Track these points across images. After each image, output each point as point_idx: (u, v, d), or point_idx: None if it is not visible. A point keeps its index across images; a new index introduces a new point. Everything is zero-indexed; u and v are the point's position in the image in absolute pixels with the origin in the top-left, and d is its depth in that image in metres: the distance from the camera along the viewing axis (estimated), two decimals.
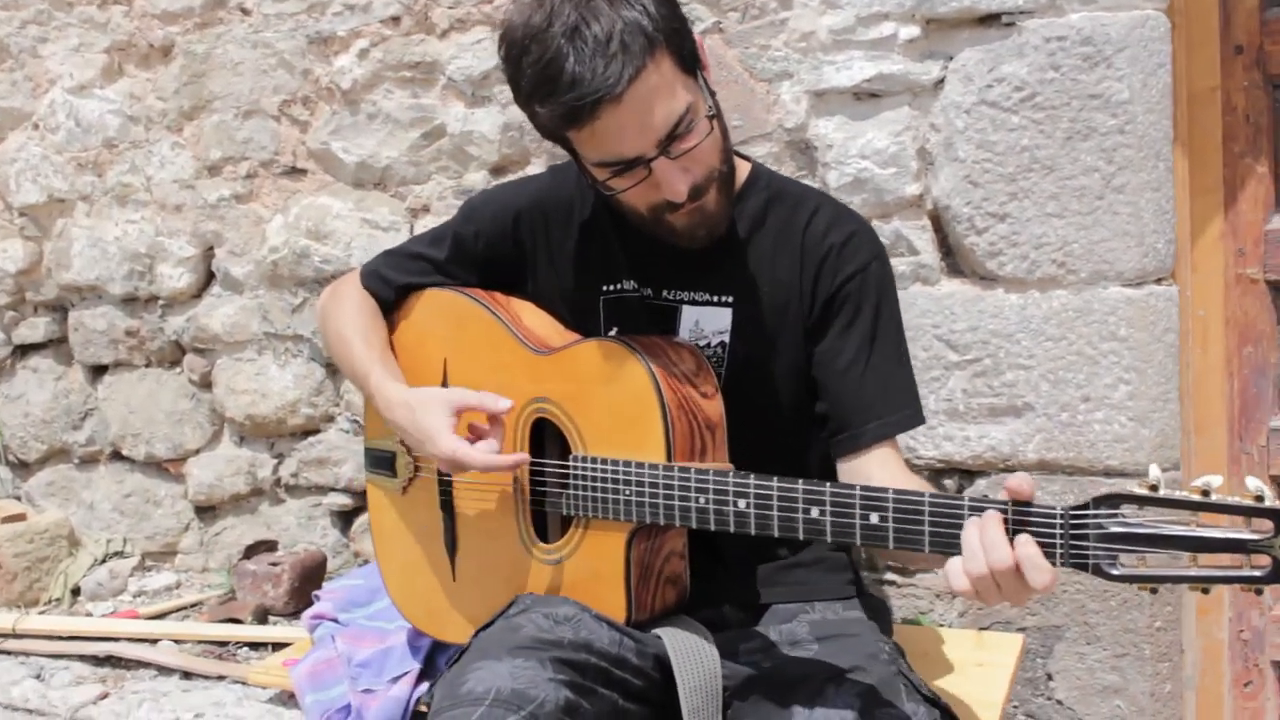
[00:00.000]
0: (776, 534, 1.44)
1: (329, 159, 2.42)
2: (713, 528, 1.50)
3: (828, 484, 1.40)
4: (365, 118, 2.36)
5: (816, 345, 1.66)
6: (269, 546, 2.55)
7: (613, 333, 1.71)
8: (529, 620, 1.53)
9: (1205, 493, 1.17)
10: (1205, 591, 1.19)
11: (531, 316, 1.76)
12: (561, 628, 1.53)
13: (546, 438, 1.72)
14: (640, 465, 1.55)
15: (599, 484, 1.59)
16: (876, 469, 1.60)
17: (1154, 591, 1.22)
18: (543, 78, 1.43)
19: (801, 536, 1.42)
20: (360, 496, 2.55)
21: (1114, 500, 1.21)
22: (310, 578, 2.47)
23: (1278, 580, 1.14)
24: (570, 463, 1.62)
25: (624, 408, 1.58)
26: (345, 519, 2.58)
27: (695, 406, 1.58)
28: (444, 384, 1.78)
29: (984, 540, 1.26)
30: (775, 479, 1.44)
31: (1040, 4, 1.92)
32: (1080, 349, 1.98)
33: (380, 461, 1.89)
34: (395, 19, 2.29)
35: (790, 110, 2.08)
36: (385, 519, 1.91)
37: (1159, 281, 1.97)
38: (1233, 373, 2.18)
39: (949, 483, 2.14)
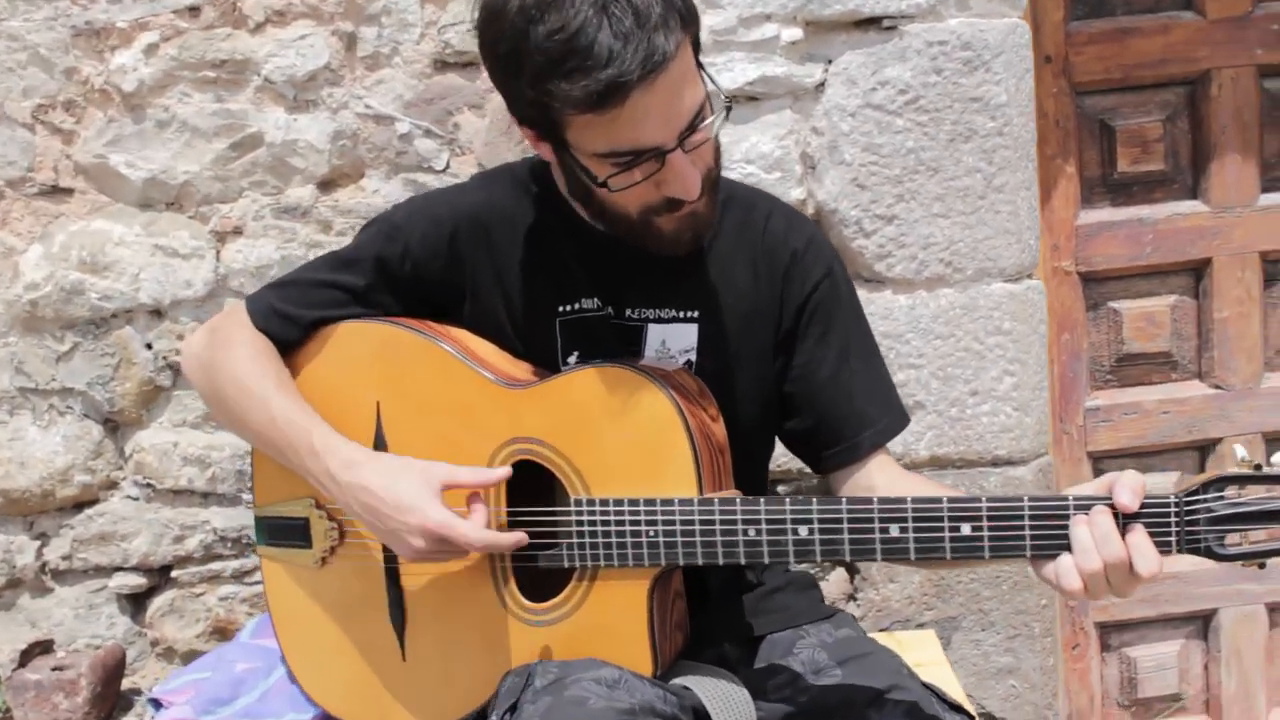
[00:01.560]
0: (848, 558, 1.38)
1: (106, 175, 2.04)
2: (766, 560, 1.41)
3: (907, 499, 1.35)
4: (155, 126, 2.02)
5: (791, 358, 1.60)
6: (46, 648, 2.12)
7: (573, 358, 1.57)
8: (586, 690, 1.37)
9: None
10: None
11: (480, 347, 1.58)
12: (617, 692, 1.39)
13: (521, 482, 1.54)
14: (669, 502, 1.42)
15: (614, 528, 1.44)
16: (879, 477, 1.58)
17: (1262, 567, 1.28)
18: (565, 51, 1.28)
19: (879, 558, 1.37)
20: (159, 574, 2.18)
21: (1220, 483, 1.26)
22: (113, 679, 2.08)
23: None
24: (573, 508, 1.46)
25: (640, 439, 1.45)
26: (137, 602, 2.20)
27: (710, 431, 1.49)
28: (378, 433, 1.56)
29: (1096, 536, 1.26)
30: (843, 500, 1.38)
31: (921, 9, 1.98)
32: (968, 345, 2.07)
33: (284, 531, 1.62)
34: (193, 9, 1.98)
35: None
36: (292, 599, 1.65)
37: (1031, 275, 2.10)
38: (1053, 358, 2.36)
39: None
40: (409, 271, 1.56)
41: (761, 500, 1.40)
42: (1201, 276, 2.38)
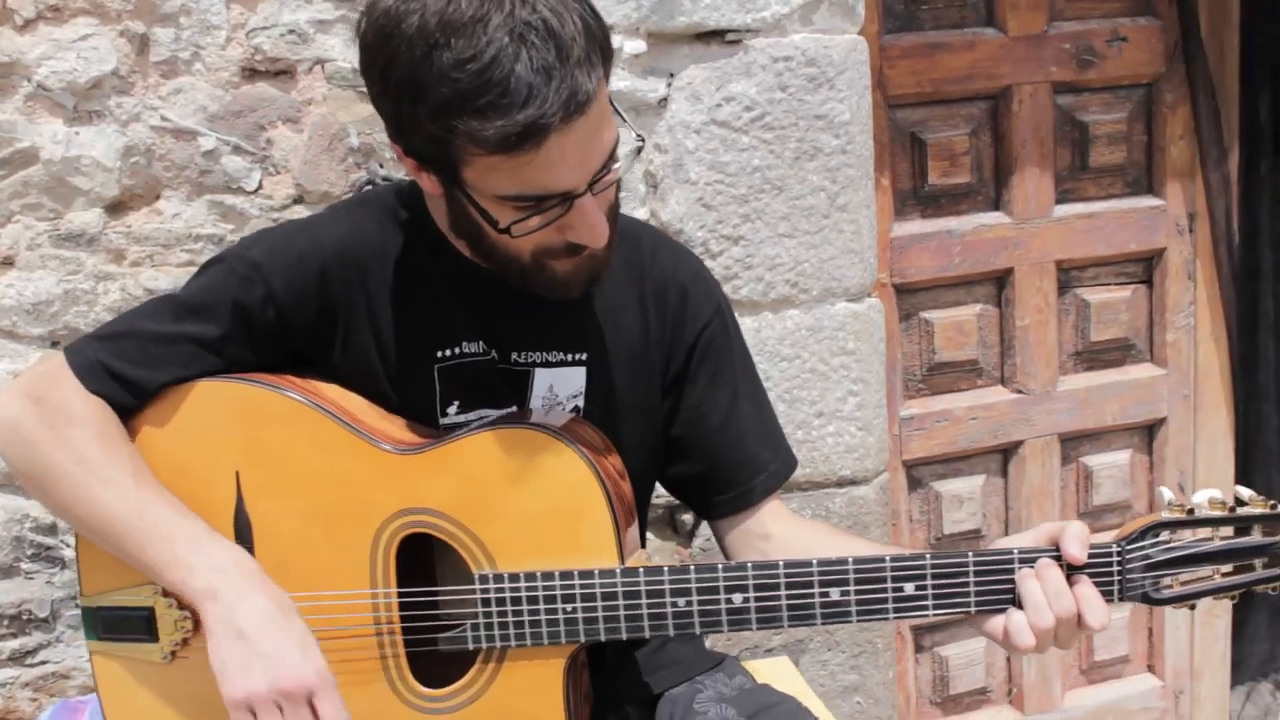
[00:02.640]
0: (785, 625, 1.32)
1: None
2: (697, 630, 1.34)
3: (849, 559, 1.31)
4: None
5: (680, 400, 1.53)
6: None
7: (453, 408, 1.44)
8: None
9: (1232, 509, 1.28)
10: (1234, 599, 1.31)
11: (351, 403, 1.42)
12: None
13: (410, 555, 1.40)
14: (588, 574, 1.33)
15: (527, 604, 1.33)
16: (773, 525, 1.53)
17: (1192, 609, 1.31)
18: (478, 84, 1.14)
19: (819, 622, 1.32)
20: None
21: (1156, 529, 1.28)
22: None
23: None
24: (478, 585, 1.33)
25: (552, 507, 1.35)
26: None
27: (621, 492, 1.39)
28: (238, 508, 1.38)
29: (1048, 591, 1.27)
30: (779, 563, 1.32)
31: (765, 23, 1.94)
32: (813, 366, 2.06)
33: (122, 624, 1.41)
34: None
35: None
36: (135, 701, 1.43)
37: (871, 294, 2.11)
38: None
39: (686, 517, 2.10)
40: (271, 318, 1.38)
41: (691, 567, 1.33)
42: (1004, 285, 2.48)
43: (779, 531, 1.52)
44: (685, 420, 1.52)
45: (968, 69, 2.35)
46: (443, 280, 1.42)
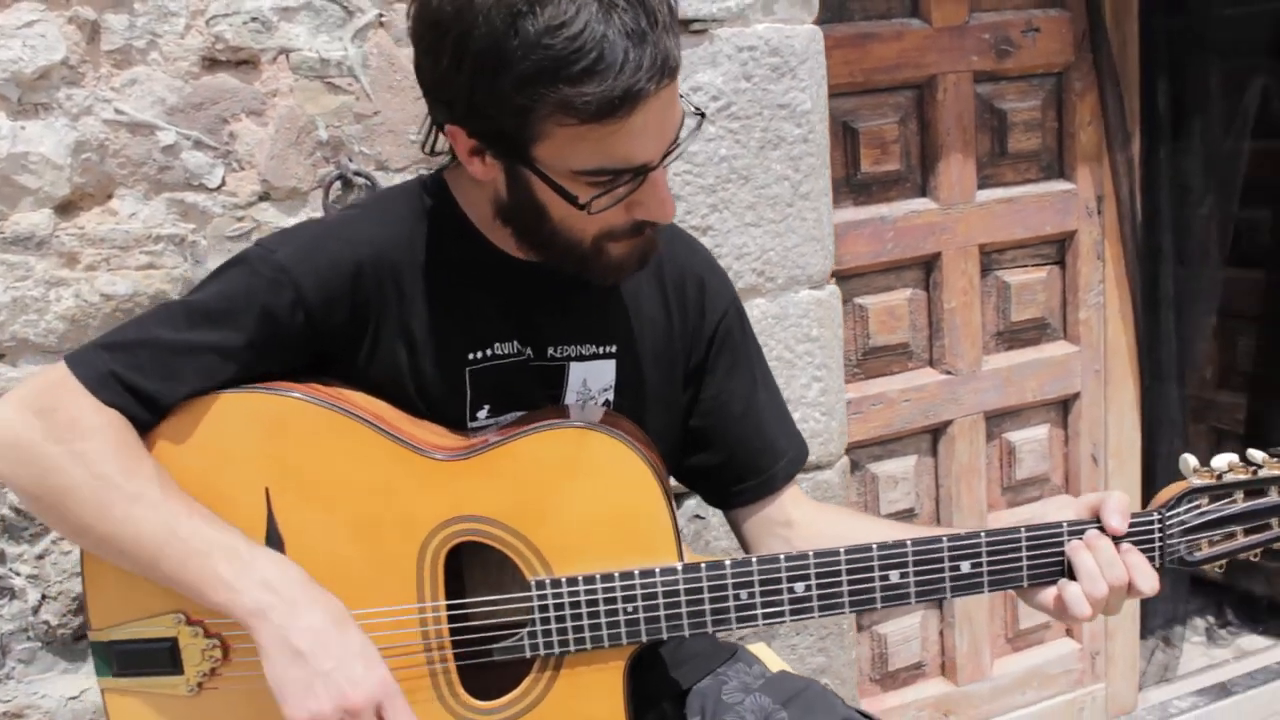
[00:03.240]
0: (846, 611, 1.33)
1: None
2: (760, 622, 1.33)
3: (907, 541, 1.33)
4: None
5: (700, 391, 1.53)
6: None
7: (483, 412, 1.41)
8: None
9: (1255, 472, 1.36)
10: (1255, 557, 1.38)
11: (382, 409, 1.37)
12: None
13: (462, 566, 1.35)
14: (649, 573, 1.31)
15: (586, 608, 1.31)
16: (793, 509, 1.55)
17: (1221, 569, 1.38)
18: (571, 50, 1.12)
19: (879, 606, 1.34)
20: None
21: (1191, 495, 1.34)
22: None
23: None
24: (535, 591, 1.30)
25: (610, 507, 1.33)
26: None
27: (668, 485, 1.38)
28: (270, 527, 1.32)
29: (1100, 561, 1.32)
30: (840, 550, 1.32)
31: (730, 13, 1.95)
32: (780, 354, 2.08)
33: (142, 658, 1.33)
34: None
35: None
36: None
37: (831, 280, 2.14)
38: None
39: None
40: (300, 323, 1.31)
41: (753, 559, 1.32)
42: (932, 269, 2.55)
43: (800, 517, 1.54)
44: (706, 410, 1.52)
45: (896, 59, 2.41)
46: (475, 277, 1.37)
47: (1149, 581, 1.32)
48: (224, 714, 1.32)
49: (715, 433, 1.53)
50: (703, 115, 1.30)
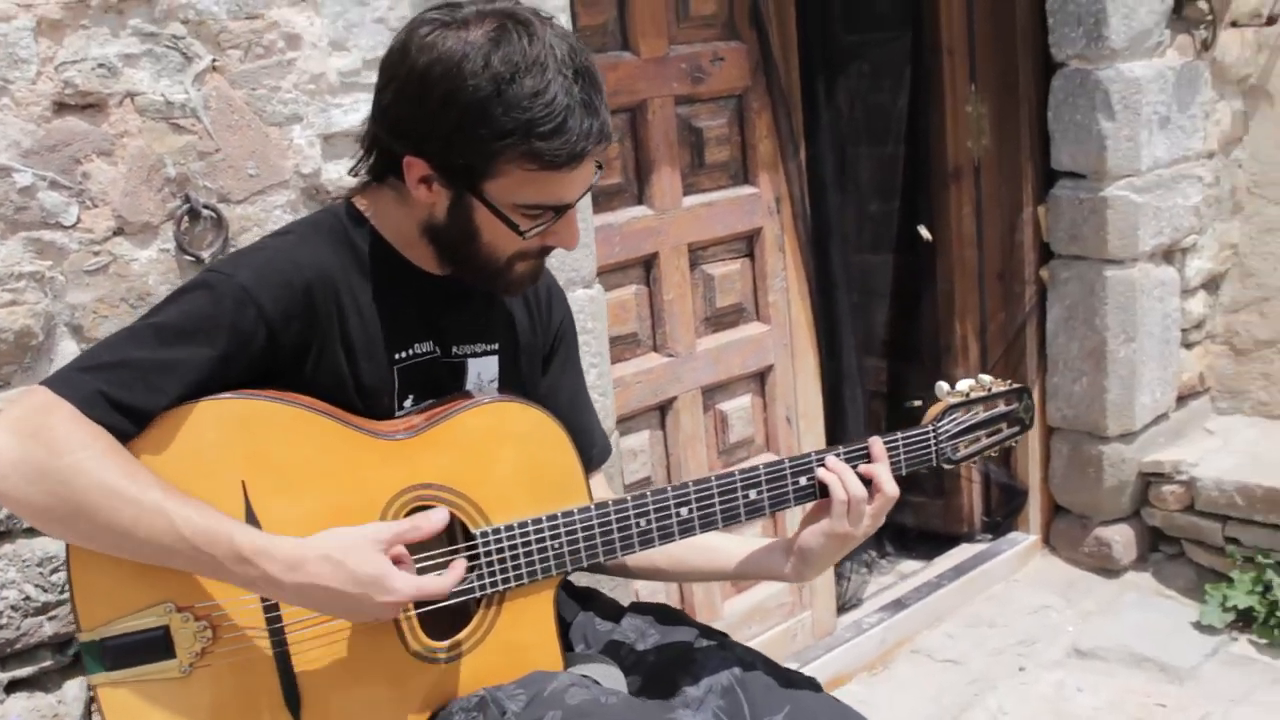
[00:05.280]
0: (720, 527, 1.70)
1: None
2: (656, 543, 1.67)
3: (760, 466, 1.71)
4: None
5: (542, 380, 1.86)
6: None
7: (408, 401, 1.68)
8: (604, 695, 1.55)
9: (988, 390, 1.86)
10: (996, 454, 1.88)
11: (334, 409, 1.59)
12: (592, 690, 1.57)
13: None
14: (569, 513, 1.63)
15: (522, 549, 1.61)
16: (599, 491, 1.84)
17: (975, 464, 1.87)
18: (544, 114, 1.46)
19: (743, 520, 1.71)
20: None
21: (950, 410, 1.82)
22: None
23: (1026, 430, 1.89)
24: (480, 539, 1.59)
25: (536, 461, 1.64)
26: None
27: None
28: (249, 515, 1.52)
29: (841, 476, 1.69)
30: (711, 476, 1.69)
31: None
32: None
33: (135, 650, 1.49)
34: None
35: (307, 155, 2.05)
36: None
37: (596, 280, 2.50)
38: None
39: None
40: (263, 338, 1.52)
41: (646, 492, 1.67)
42: (651, 267, 2.98)
43: (603, 496, 1.83)
44: (543, 396, 1.83)
45: (614, 86, 2.81)
46: (394, 289, 1.64)
47: (889, 485, 1.69)
48: (217, 687, 1.50)
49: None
50: (601, 167, 1.64)
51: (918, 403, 4.00)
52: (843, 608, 3.58)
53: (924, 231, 3.76)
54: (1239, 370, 4.05)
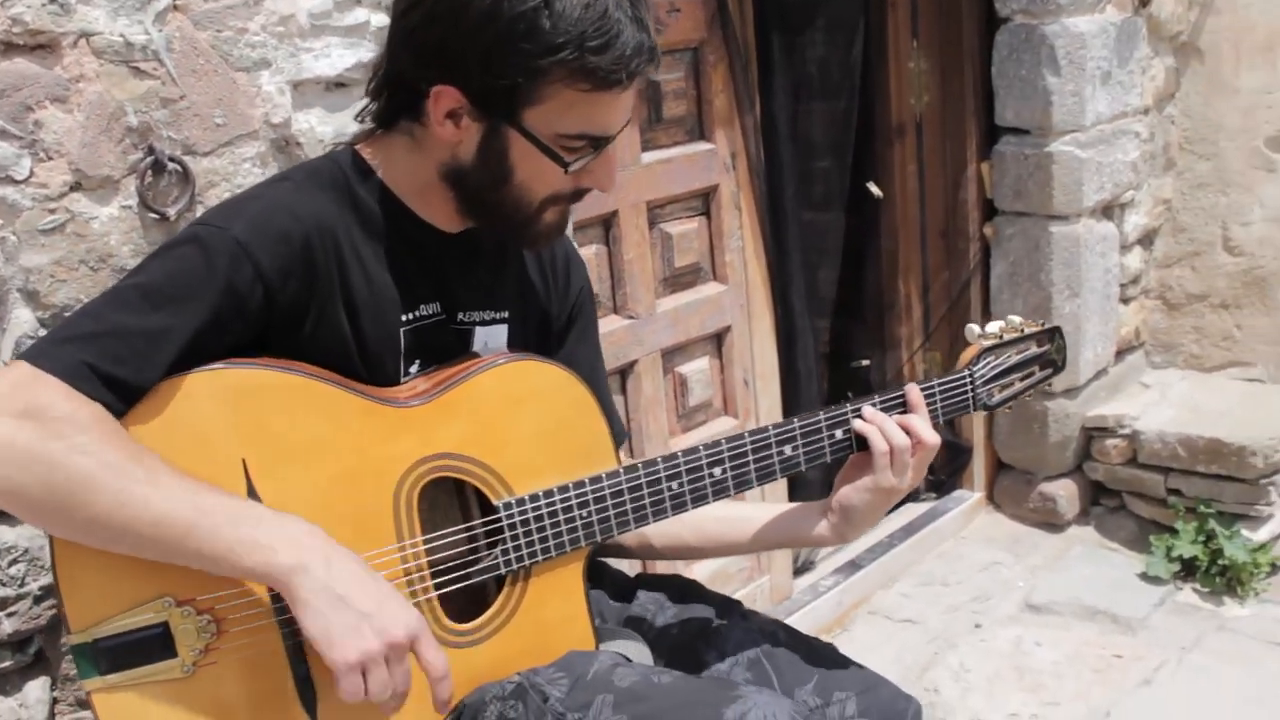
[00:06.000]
0: (755, 485, 1.60)
1: None
2: (689, 507, 1.57)
3: (794, 420, 1.61)
4: None
5: (558, 352, 1.74)
6: None
7: (414, 366, 1.56)
8: (655, 675, 1.47)
9: (1020, 331, 1.79)
10: (1030, 396, 1.81)
11: (337, 375, 1.46)
12: (637, 667, 1.47)
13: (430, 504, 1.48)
14: (597, 479, 1.53)
15: (549, 519, 1.51)
16: None
17: (1010, 409, 1.80)
18: (598, 26, 1.35)
19: (780, 476, 1.61)
20: None
21: (984, 354, 1.74)
22: None
23: (1059, 372, 1.83)
24: (503, 512, 1.47)
25: (559, 425, 1.53)
26: None
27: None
28: (250, 494, 1.38)
29: (880, 425, 1.60)
30: (745, 433, 1.59)
31: None
32: None
33: (133, 650, 1.36)
34: None
35: (277, 104, 1.89)
36: None
37: None
38: None
39: None
40: (259, 297, 1.38)
41: (678, 452, 1.56)
42: (611, 226, 2.86)
43: None
44: None
45: None
46: (401, 245, 1.51)
47: (928, 434, 1.60)
48: (223, 686, 1.37)
49: None
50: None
51: (865, 362, 3.98)
52: (798, 571, 3.53)
53: (873, 188, 3.71)
54: (1172, 324, 4.09)
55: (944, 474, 3.98)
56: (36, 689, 1.78)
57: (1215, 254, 3.98)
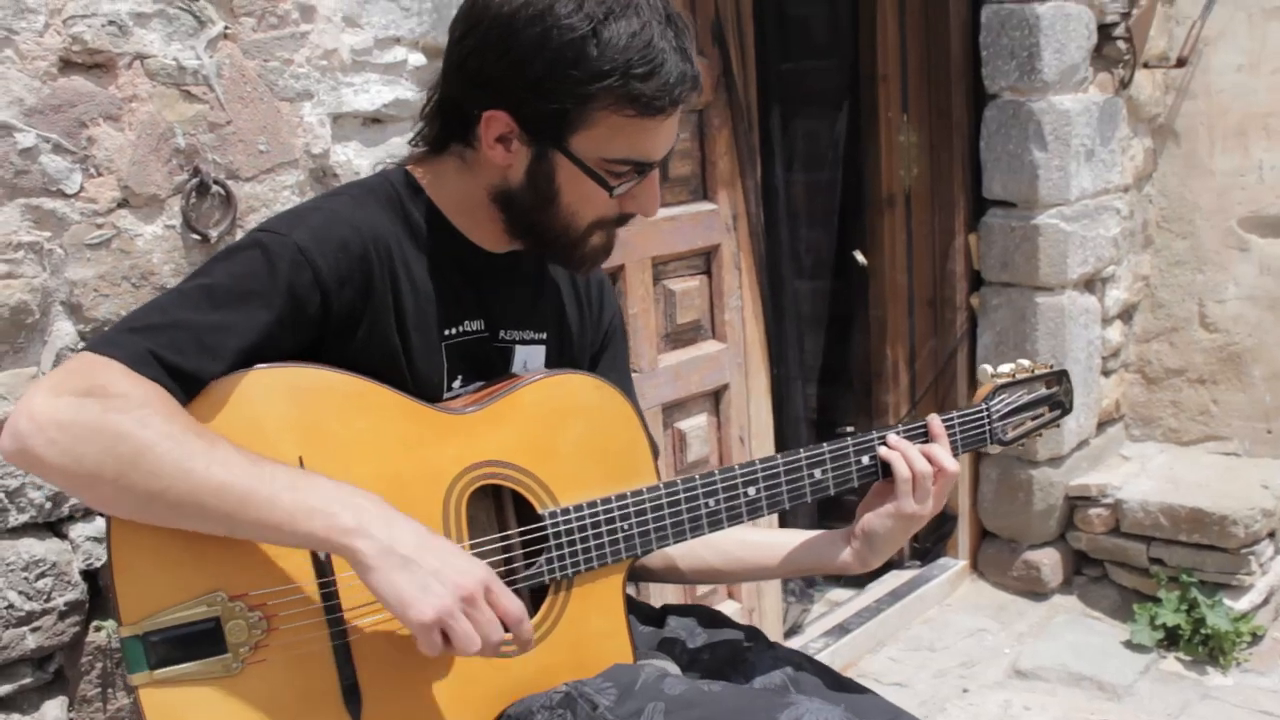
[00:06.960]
0: (786, 506, 1.64)
1: None
2: (725, 524, 1.60)
3: (824, 446, 1.65)
4: None
5: None
6: None
7: (457, 382, 1.59)
8: (705, 684, 1.48)
9: (1031, 371, 1.85)
10: (1040, 435, 1.87)
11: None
12: (699, 681, 1.49)
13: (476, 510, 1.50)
14: (639, 493, 1.56)
15: (591, 530, 1.53)
16: None
17: (1023, 446, 1.85)
18: (643, 54, 1.40)
19: (810, 499, 1.65)
20: None
21: (998, 391, 1.80)
22: None
23: (1067, 414, 1.89)
24: (548, 520, 1.50)
25: (603, 437, 1.57)
26: None
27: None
28: None
29: (904, 452, 1.64)
30: (777, 456, 1.63)
31: None
32: None
33: (185, 644, 1.35)
34: None
35: (317, 135, 1.94)
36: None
37: None
38: None
39: None
40: (318, 302, 1.41)
41: (713, 470, 1.59)
42: (617, 280, 2.91)
43: None
44: None
45: None
46: (448, 262, 1.55)
47: (949, 461, 1.65)
48: (273, 682, 1.37)
49: None
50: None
51: (850, 429, 4.02)
52: (788, 633, 3.54)
53: (859, 256, 3.79)
54: (1150, 398, 4.19)
55: (929, 541, 4.01)
56: (54, 709, 1.76)
57: (1192, 330, 4.10)
